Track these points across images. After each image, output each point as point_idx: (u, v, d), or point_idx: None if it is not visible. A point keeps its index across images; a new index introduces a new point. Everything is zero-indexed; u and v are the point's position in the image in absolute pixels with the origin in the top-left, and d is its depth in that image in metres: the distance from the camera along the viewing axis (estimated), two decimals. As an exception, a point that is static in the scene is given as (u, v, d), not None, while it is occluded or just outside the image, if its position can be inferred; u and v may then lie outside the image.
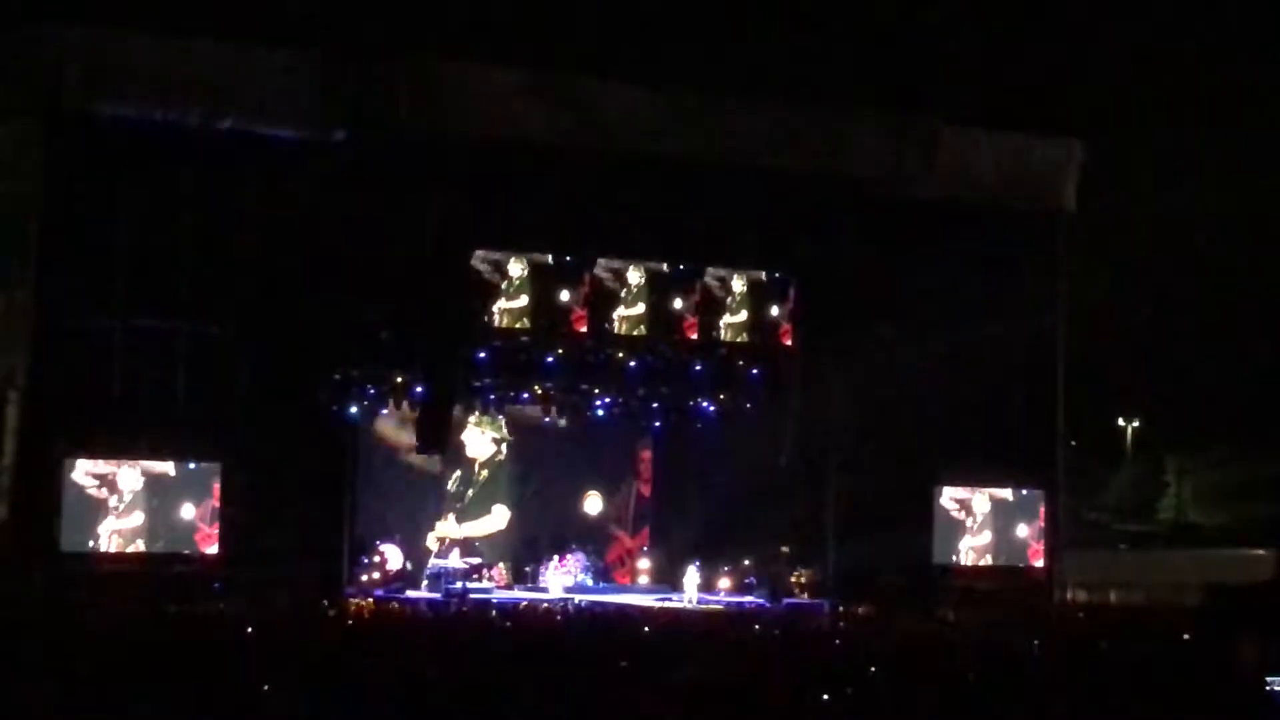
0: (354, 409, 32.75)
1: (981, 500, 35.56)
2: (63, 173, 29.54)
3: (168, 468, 30.19)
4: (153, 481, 30.09)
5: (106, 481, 29.80)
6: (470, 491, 36.97)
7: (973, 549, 35.41)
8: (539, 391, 35.60)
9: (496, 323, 32.53)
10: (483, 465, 37.26)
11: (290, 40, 30.75)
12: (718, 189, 32.60)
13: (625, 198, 32.39)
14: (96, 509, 29.65)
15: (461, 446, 36.75)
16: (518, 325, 32.67)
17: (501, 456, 37.40)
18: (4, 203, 29.87)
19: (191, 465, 30.34)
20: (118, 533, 29.79)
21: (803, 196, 33.32)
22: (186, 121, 29.98)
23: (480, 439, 37.15)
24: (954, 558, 35.19)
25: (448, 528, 36.29)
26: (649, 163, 32.14)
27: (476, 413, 36.67)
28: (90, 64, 29.34)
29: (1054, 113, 37.00)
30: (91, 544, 29.54)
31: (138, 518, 29.95)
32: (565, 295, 32.60)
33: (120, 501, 29.85)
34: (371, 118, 30.51)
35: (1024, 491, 35.91)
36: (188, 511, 30.21)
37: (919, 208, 34.04)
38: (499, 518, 37.16)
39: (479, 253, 32.16)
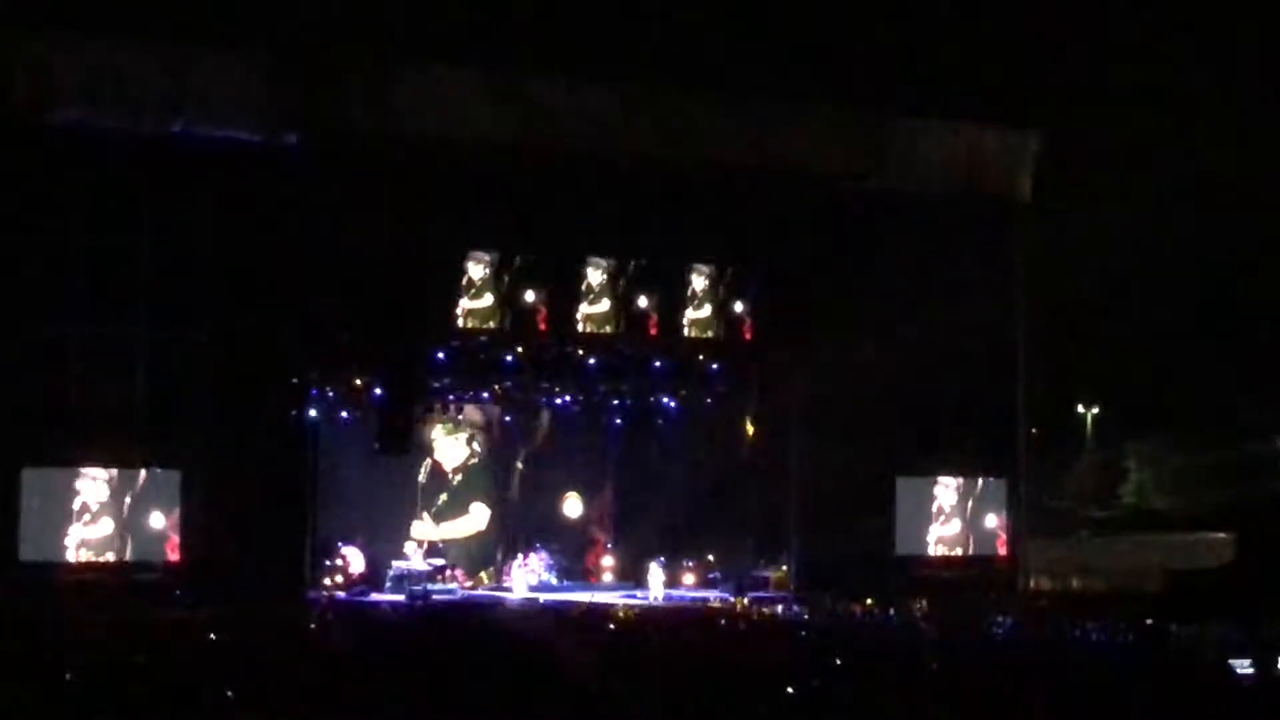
0: (313, 412, 32.63)
1: (944, 490, 35.64)
2: (15, 180, 29.37)
3: (132, 475, 30.06)
4: (117, 489, 29.96)
5: (68, 490, 29.66)
6: (444, 495, 36.87)
7: (935, 539, 35.49)
8: (499, 390, 35.56)
9: (460, 324, 32.44)
10: (456, 470, 37.16)
11: (240, 43, 30.65)
12: (673, 186, 32.60)
13: (581, 196, 32.38)
14: (56, 518, 29.49)
15: (432, 454, 36.65)
16: (480, 325, 32.58)
17: (476, 460, 37.30)
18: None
19: (156, 472, 30.20)
20: (81, 543, 29.64)
21: (759, 191, 33.35)
22: (138, 127, 29.87)
23: (452, 445, 37.04)
24: (917, 548, 35.25)
25: (424, 529, 36.16)
26: (604, 161, 32.14)
27: (445, 422, 36.60)
28: (39, 71, 29.19)
29: (1008, 103, 37.06)
30: (52, 554, 29.38)
31: (103, 527, 29.80)
32: (528, 295, 32.53)
33: (83, 510, 29.71)
34: (322, 120, 30.43)
35: (986, 480, 36.01)
36: (155, 520, 30.08)
37: (875, 200, 34.13)
38: (478, 517, 37.06)
39: (439, 253, 32.07)
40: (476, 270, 32.43)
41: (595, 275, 33.30)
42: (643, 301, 33.47)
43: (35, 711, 14.51)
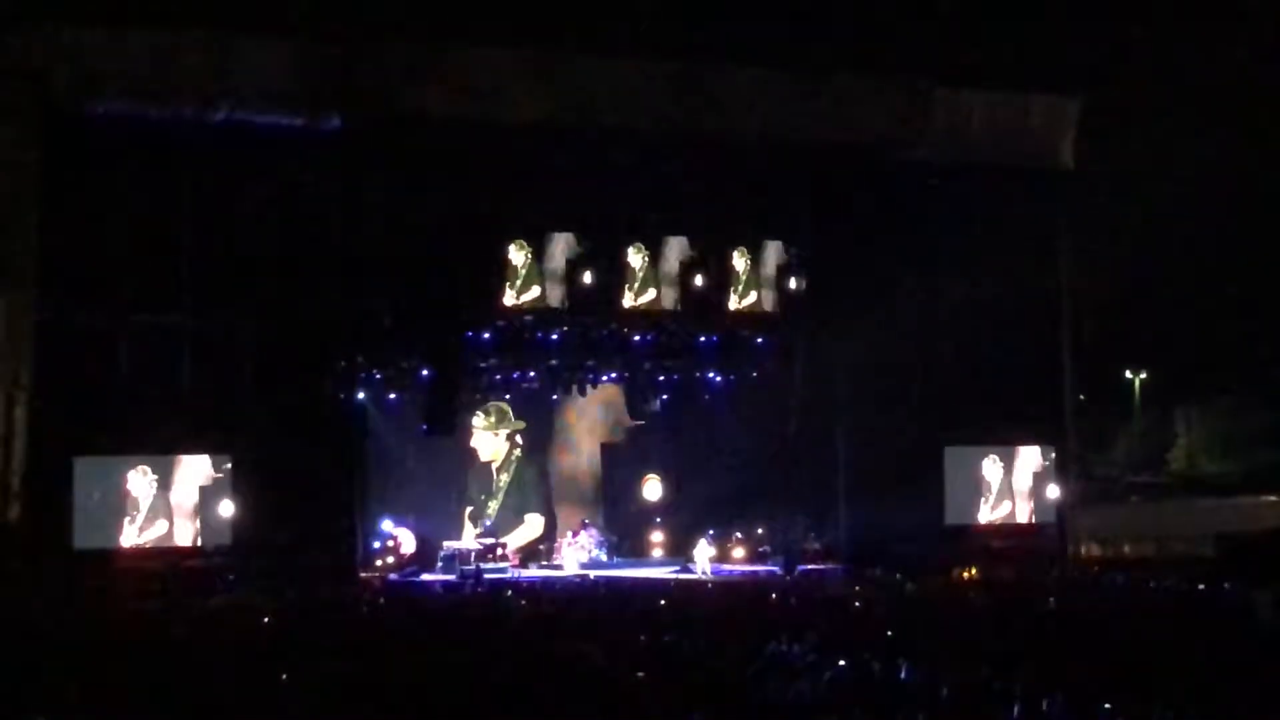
0: (361, 395, 32.76)
1: (992, 459, 35.55)
2: (60, 172, 29.49)
3: (183, 462, 30.22)
4: (168, 477, 30.13)
5: (119, 479, 29.85)
6: (493, 503, 36.84)
7: (985, 508, 35.41)
8: (544, 370, 35.60)
9: (506, 303, 32.46)
10: (500, 469, 37.09)
11: (281, 29, 30.68)
12: (717, 161, 32.56)
13: (626, 174, 32.38)
14: (109, 507, 29.70)
15: (474, 454, 36.67)
16: (526, 304, 32.59)
17: (518, 452, 37.28)
18: (3, 203, 29.85)
19: (207, 458, 30.36)
20: (133, 530, 29.84)
21: (804, 163, 33.31)
22: (181, 116, 29.96)
23: (491, 440, 37.01)
24: (966, 518, 35.18)
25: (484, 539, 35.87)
26: (647, 139, 32.12)
27: (487, 414, 36.62)
28: (81, 63, 29.31)
29: (1051, 70, 36.85)
30: (105, 542, 29.58)
31: (154, 514, 29.99)
32: (574, 274, 32.56)
33: (134, 499, 29.90)
34: (364, 104, 30.47)
35: (1035, 449, 35.89)
36: (207, 505, 30.24)
37: (919, 170, 34.06)
38: (534, 526, 37.06)
39: (484, 233, 32.10)
40: (520, 252, 32.46)
41: (640, 253, 33.30)
42: (689, 278, 33.46)
43: (92, 695, 14.62)
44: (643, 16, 32.93)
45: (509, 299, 32.50)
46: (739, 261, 34.03)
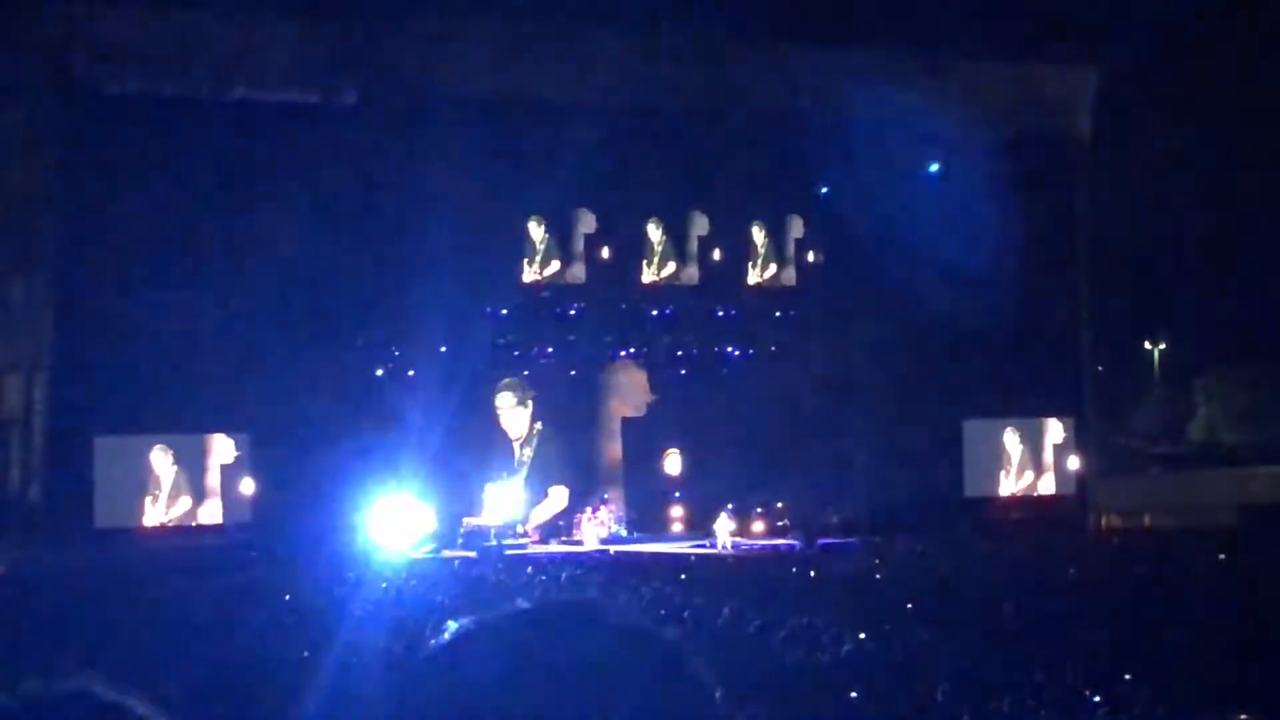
0: (380, 371, 32.79)
1: (1011, 431, 35.57)
2: (79, 151, 29.59)
3: (203, 441, 30.32)
4: (189, 455, 30.23)
5: (140, 458, 29.96)
6: (515, 480, 36.81)
7: (1004, 480, 35.43)
8: (563, 345, 35.59)
9: (525, 280, 32.48)
10: (524, 444, 37.05)
11: (298, 5, 30.72)
12: (734, 137, 32.57)
13: (644, 151, 32.43)
14: (129, 486, 29.81)
15: (503, 433, 36.66)
16: (545, 280, 32.60)
17: (539, 425, 37.23)
18: (21, 182, 29.94)
19: (227, 436, 30.45)
20: (154, 509, 29.95)
21: (817, 137, 33.27)
22: (199, 94, 30.01)
23: (518, 415, 36.93)
24: (985, 490, 35.21)
25: (510, 512, 35.85)
26: (666, 114, 32.12)
27: (506, 392, 36.57)
28: (99, 41, 29.38)
29: (1068, 39, 36.80)
30: (126, 521, 29.69)
31: (175, 492, 30.11)
32: (593, 250, 32.59)
33: (155, 477, 30.01)
34: (382, 80, 30.50)
35: (1054, 420, 35.90)
36: (227, 484, 30.35)
37: (933, 141, 34.01)
38: (557, 499, 37.00)
39: (502, 209, 32.11)
40: (540, 228, 32.49)
41: (660, 228, 33.31)
42: (709, 252, 33.48)
43: (110, 673, 14.64)
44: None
45: (528, 275, 32.54)
46: (758, 236, 34.03)
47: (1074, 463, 35.82)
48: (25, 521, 29.17)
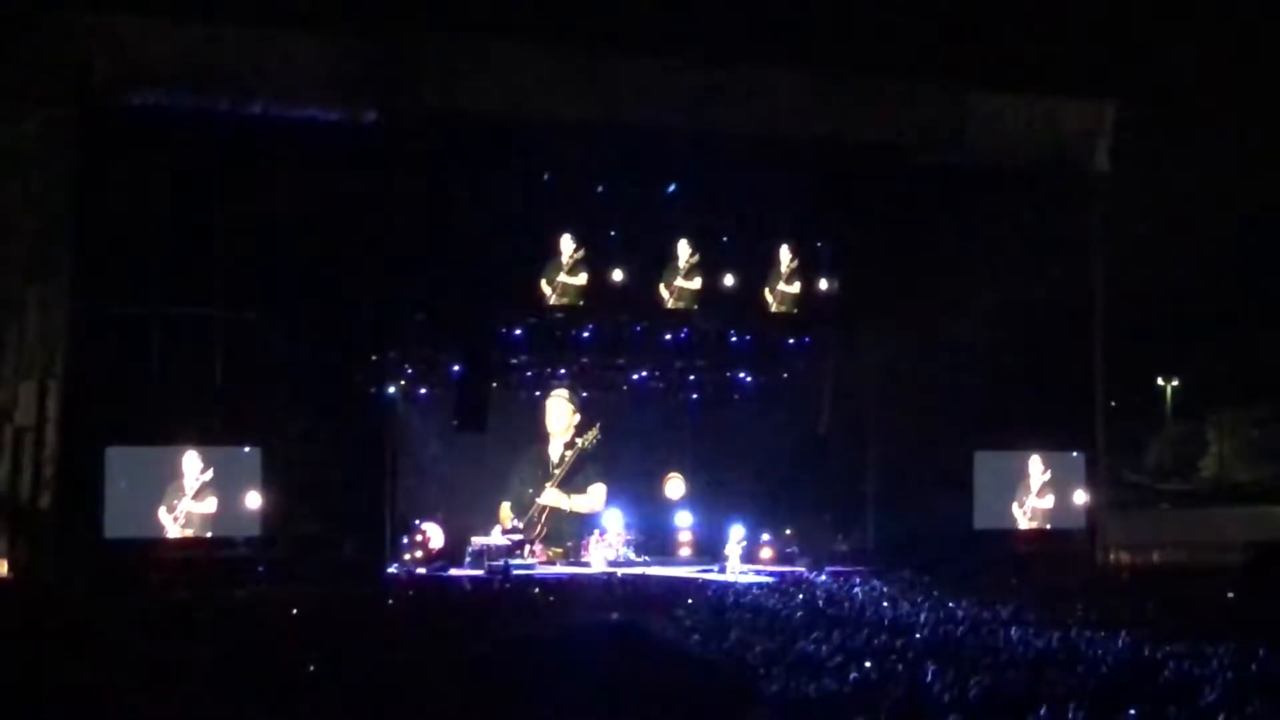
0: (391, 389, 32.82)
1: (1022, 464, 35.49)
2: (96, 162, 29.62)
3: (214, 453, 30.31)
4: (199, 468, 30.22)
5: (151, 469, 29.95)
6: (550, 481, 37.02)
7: (1015, 513, 35.35)
8: (576, 368, 35.63)
9: (540, 302, 32.47)
10: (566, 443, 37.25)
11: (319, 22, 30.76)
12: (753, 162, 32.52)
13: (661, 173, 32.44)
14: (140, 497, 29.79)
15: (543, 430, 36.89)
16: (559, 302, 32.58)
17: (580, 423, 37.28)
18: (39, 193, 29.98)
19: (238, 450, 30.44)
20: (165, 520, 29.93)
21: (839, 166, 33.25)
22: (217, 108, 30.04)
23: (565, 413, 37.13)
24: (995, 522, 35.12)
25: (552, 497, 36.24)
26: (681, 138, 32.09)
27: (564, 389, 36.76)
28: (119, 54, 29.43)
29: (1087, 74, 36.80)
30: (136, 532, 29.66)
31: (185, 504, 30.08)
32: (607, 272, 32.56)
33: (166, 488, 30.00)
34: (400, 98, 30.51)
35: (1065, 454, 35.83)
36: (237, 497, 30.32)
37: (953, 173, 33.98)
38: (596, 497, 37.12)
39: (516, 230, 32.10)
40: (554, 249, 32.44)
41: (675, 252, 33.28)
42: (723, 278, 33.44)
43: (117, 684, 14.67)
44: (678, 16, 32.96)
45: (542, 296, 32.53)
46: (776, 262, 33.99)
47: (1085, 497, 35.74)
48: (35, 530, 29.15)
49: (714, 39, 32.88)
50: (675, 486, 38.25)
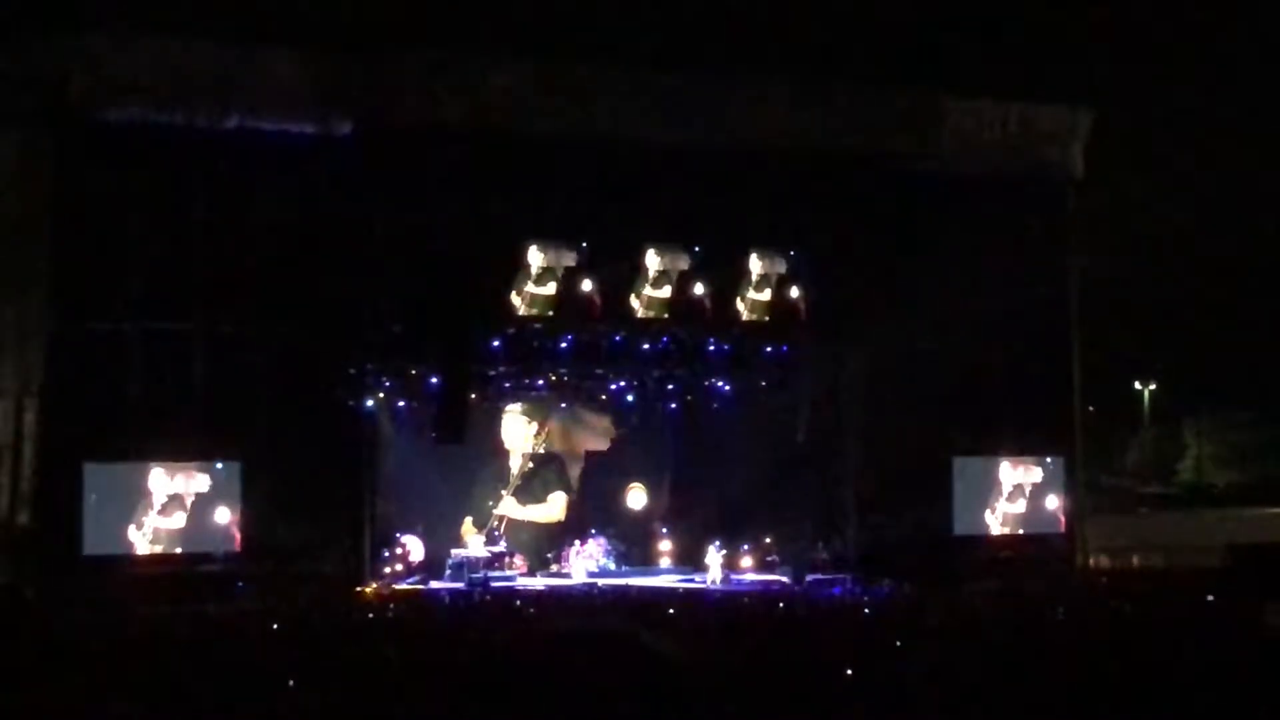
0: (370, 402, 32.77)
1: (1000, 470, 35.55)
2: (73, 178, 29.60)
3: (193, 468, 30.25)
4: (178, 483, 30.15)
5: (129, 485, 29.88)
6: (507, 491, 36.58)
7: (993, 519, 35.41)
8: (554, 378, 35.58)
9: (518, 312, 32.41)
10: (524, 455, 36.87)
11: (293, 36, 30.76)
12: (726, 171, 32.56)
13: (635, 184, 32.43)
14: (118, 513, 29.70)
15: (499, 445, 36.43)
16: (538, 313, 32.52)
17: (543, 438, 37.01)
18: (15, 209, 29.94)
19: (217, 465, 30.38)
20: (143, 536, 29.84)
21: (812, 174, 33.30)
22: (193, 123, 30.02)
23: (522, 427, 36.71)
24: (975, 528, 35.18)
25: (507, 506, 35.81)
26: (655, 148, 32.14)
27: (520, 404, 36.40)
28: (95, 70, 29.39)
29: (1060, 80, 36.92)
30: (114, 548, 29.59)
31: (164, 520, 29.98)
32: (584, 283, 32.54)
33: (144, 504, 29.92)
34: (375, 111, 30.54)
35: (1043, 459, 35.89)
36: (216, 512, 30.26)
37: (926, 181, 34.06)
38: (555, 506, 36.72)
39: (493, 241, 32.09)
40: (531, 260, 32.42)
41: (650, 262, 33.28)
42: (698, 287, 33.44)
43: (98, 702, 14.64)
44: (650, 28, 33.02)
45: (518, 307, 32.50)
46: (750, 271, 34.01)
47: (1063, 501, 35.81)
48: (13, 546, 29.08)
49: (686, 50, 32.94)
50: (636, 496, 38.13)
